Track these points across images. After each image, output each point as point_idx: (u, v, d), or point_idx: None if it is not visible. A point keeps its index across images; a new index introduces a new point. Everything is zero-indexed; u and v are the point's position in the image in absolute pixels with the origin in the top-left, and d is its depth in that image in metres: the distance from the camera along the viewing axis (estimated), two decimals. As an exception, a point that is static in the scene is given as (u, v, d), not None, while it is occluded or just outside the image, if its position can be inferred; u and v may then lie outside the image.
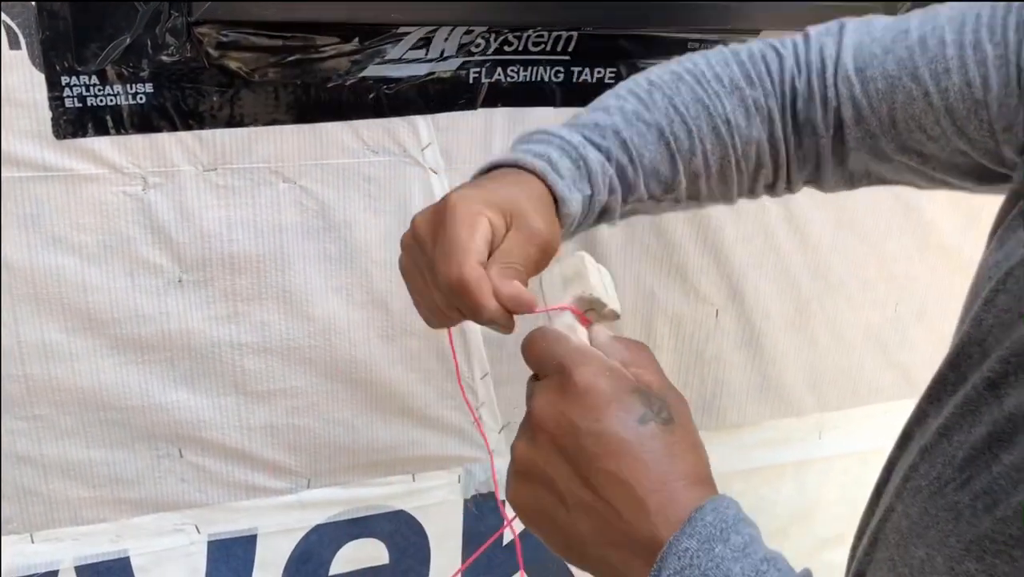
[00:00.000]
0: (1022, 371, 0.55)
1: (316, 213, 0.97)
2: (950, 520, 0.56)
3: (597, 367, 0.53)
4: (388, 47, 0.93)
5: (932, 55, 0.66)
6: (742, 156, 0.72)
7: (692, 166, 0.71)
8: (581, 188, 0.67)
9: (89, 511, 1.00)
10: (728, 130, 0.71)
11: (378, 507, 1.14)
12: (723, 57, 0.74)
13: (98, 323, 0.92)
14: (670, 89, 0.72)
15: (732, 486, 1.35)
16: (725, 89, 0.72)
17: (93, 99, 0.84)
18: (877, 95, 0.68)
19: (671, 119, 0.70)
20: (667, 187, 0.72)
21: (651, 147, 0.70)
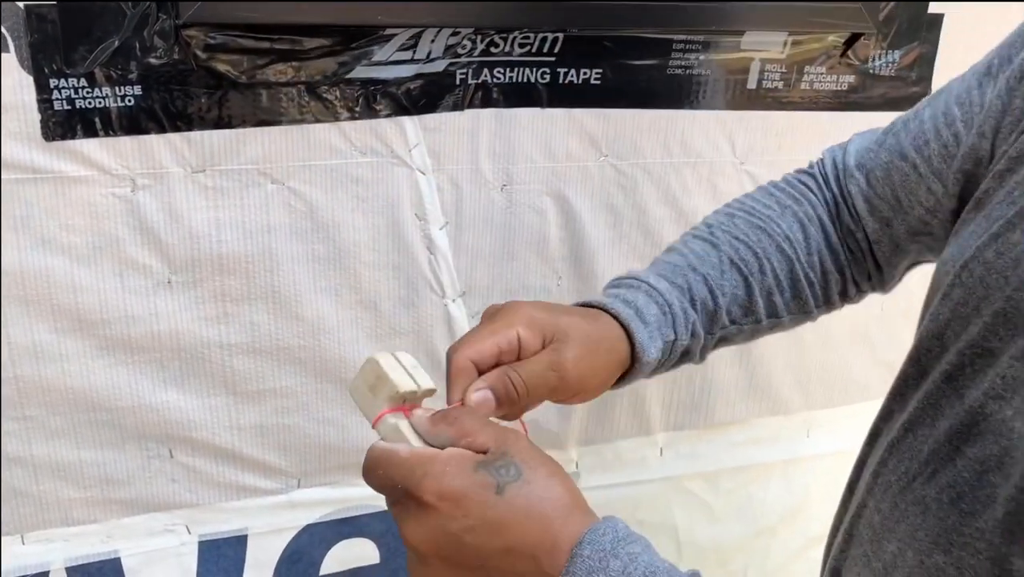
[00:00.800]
0: (979, 363, 0.56)
1: (304, 214, 0.98)
2: (918, 514, 0.57)
3: (436, 471, 0.55)
4: (375, 49, 0.93)
5: (914, 133, 0.72)
6: (808, 267, 0.77)
7: (765, 285, 0.76)
8: (664, 334, 0.71)
9: (80, 512, 1.00)
10: (790, 245, 0.77)
11: (368, 506, 1.15)
12: (766, 190, 0.82)
13: (88, 324, 0.93)
14: (728, 226, 0.78)
15: (721, 484, 1.36)
16: (776, 212, 0.78)
17: (82, 101, 0.85)
18: (878, 183, 0.75)
19: (736, 247, 0.76)
20: (746, 310, 0.76)
21: (727, 276, 0.75)
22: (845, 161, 0.78)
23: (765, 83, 1.14)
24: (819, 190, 0.80)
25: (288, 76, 0.91)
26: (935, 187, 0.70)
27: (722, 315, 0.75)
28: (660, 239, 1.17)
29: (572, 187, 1.10)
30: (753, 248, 0.76)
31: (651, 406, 1.26)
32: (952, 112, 0.69)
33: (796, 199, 0.79)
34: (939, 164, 0.69)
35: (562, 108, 1.05)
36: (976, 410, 0.55)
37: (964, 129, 0.67)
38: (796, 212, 0.78)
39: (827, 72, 1.16)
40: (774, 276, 0.76)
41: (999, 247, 0.56)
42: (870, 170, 0.75)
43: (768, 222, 0.77)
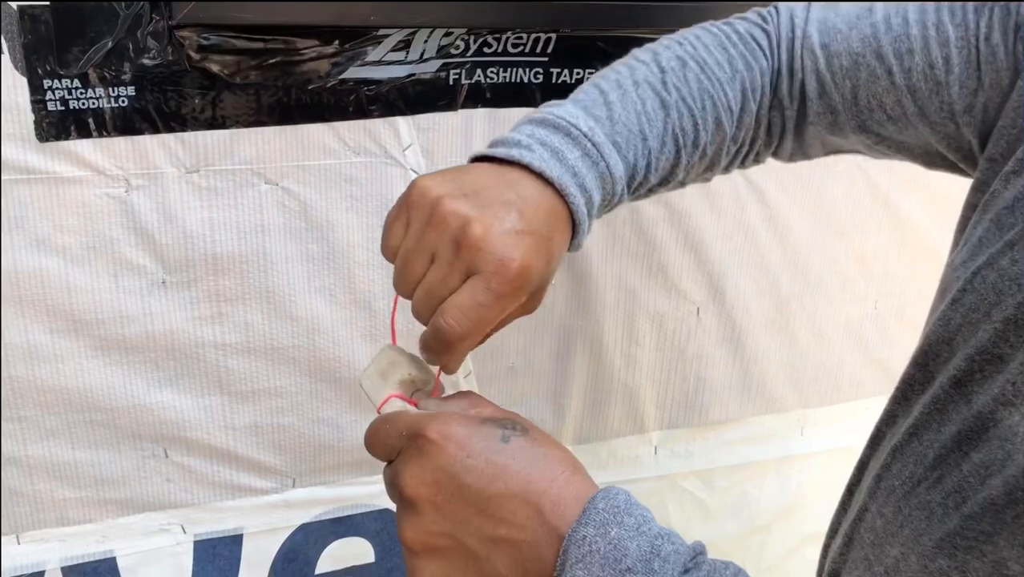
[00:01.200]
0: (988, 369, 0.55)
1: (298, 214, 0.98)
2: (923, 519, 0.57)
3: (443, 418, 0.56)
4: (368, 49, 0.94)
5: (896, 34, 0.66)
6: (732, 141, 0.73)
7: (692, 161, 0.72)
8: (595, 198, 0.65)
9: (75, 512, 1.00)
10: (728, 118, 0.72)
11: (363, 505, 1.15)
12: (719, 40, 0.74)
13: (82, 324, 0.93)
14: (679, 79, 0.71)
15: (715, 482, 1.37)
16: (727, 76, 0.72)
17: (75, 102, 0.85)
18: (841, 71, 0.69)
19: (681, 114, 0.70)
20: (664, 180, 0.73)
21: (667, 150, 0.70)
22: (806, 30, 0.71)
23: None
24: (770, 54, 0.74)
25: (282, 76, 0.92)
26: (906, 102, 0.66)
27: (645, 187, 0.71)
28: (653, 238, 1.18)
29: (566, 187, 1.10)
30: (696, 119, 0.70)
31: (645, 405, 1.26)
32: (946, 28, 0.64)
33: (748, 64, 0.73)
34: (918, 81, 0.65)
35: (555, 108, 1.05)
36: (986, 416, 0.55)
37: (958, 58, 0.63)
38: (744, 80, 0.72)
39: (820, 71, 1.17)
40: (703, 150, 0.72)
41: (1014, 255, 0.55)
42: (834, 53, 0.69)
43: (718, 88, 0.71)
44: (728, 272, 1.23)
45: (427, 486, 0.55)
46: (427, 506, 0.55)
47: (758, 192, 1.20)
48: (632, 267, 1.18)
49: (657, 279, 1.20)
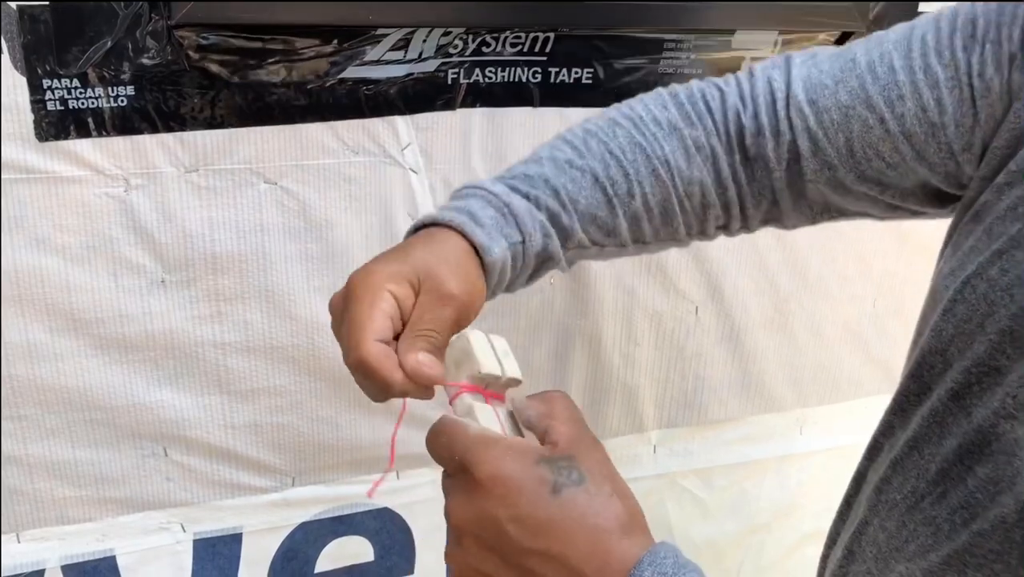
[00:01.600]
0: (986, 382, 0.55)
1: (297, 213, 0.98)
2: (928, 535, 0.56)
3: (497, 453, 0.53)
4: (367, 49, 0.94)
5: (884, 82, 0.65)
6: (684, 196, 0.71)
7: (632, 209, 0.70)
8: (508, 235, 0.65)
9: (75, 510, 1.01)
10: (668, 171, 0.70)
11: (362, 504, 1.15)
12: (661, 100, 0.73)
13: (82, 323, 0.93)
14: (606, 135, 0.70)
15: (714, 481, 1.37)
16: (663, 131, 0.71)
17: (75, 102, 0.85)
18: (833, 125, 0.67)
19: (607, 164, 0.69)
20: (608, 231, 0.71)
21: (585, 192, 0.69)
22: (791, 90, 0.69)
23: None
24: (721, 114, 0.71)
25: (280, 76, 0.92)
26: (903, 148, 0.65)
27: (576, 230, 0.69)
28: (652, 237, 1.18)
29: (564, 186, 1.11)
30: (626, 168, 0.69)
31: (644, 404, 1.26)
32: (934, 71, 0.63)
33: (689, 121, 0.71)
34: (913, 125, 0.64)
35: (554, 107, 1.06)
36: (987, 429, 0.54)
37: (950, 98, 0.62)
38: (684, 137, 0.70)
39: (818, 71, 1.17)
40: (643, 201, 0.70)
41: (1003, 264, 0.55)
42: (823, 109, 0.67)
43: (651, 140, 0.70)
44: (727, 271, 1.23)
45: (469, 522, 0.53)
46: (470, 541, 0.54)
47: (756, 191, 1.20)
48: (630, 266, 1.18)
49: (656, 278, 1.20)
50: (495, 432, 0.55)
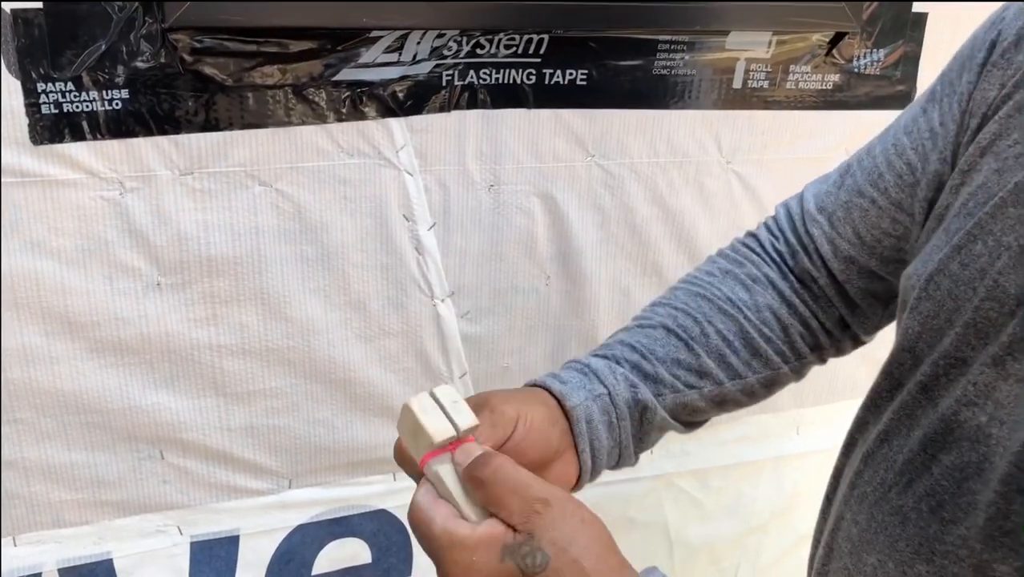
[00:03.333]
0: (952, 373, 0.57)
1: (292, 216, 0.98)
2: (897, 524, 0.58)
3: (463, 560, 0.55)
4: (361, 51, 0.94)
5: (868, 170, 0.72)
6: (760, 323, 0.76)
7: (711, 346, 0.75)
8: (590, 389, 0.71)
9: (71, 513, 1.01)
10: (732, 306, 0.76)
11: (360, 506, 1.15)
12: (709, 259, 0.82)
13: (77, 326, 0.93)
14: (667, 299, 0.78)
15: (711, 482, 1.37)
16: (717, 279, 0.78)
17: (69, 105, 0.85)
18: (840, 222, 0.74)
19: (674, 316, 0.76)
20: (697, 372, 0.75)
21: (660, 341, 0.75)
22: (804, 208, 0.78)
23: (751, 83, 1.15)
24: (761, 249, 0.80)
25: (275, 79, 0.92)
26: (900, 217, 0.70)
27: (662, 374, 0.74)
28: (647, 238, 1.18)
29: (559, 187, 1.11)
30: (692, 314, 0.75)
31: (641, 404, 1.26)
32: (901, 142, 0.69)
33: (738, 262, 0.79)
34: (897, 194, 0.69)
35: (548, 109, 1.06)
36: (950, 417, 0.56)
37: (916, 157, 0.68)
38: (737, 275, 0.78)
39: (812, 71, 1.17)
40: (720, 337, 0.75)
41: (963, 259, 0.57)
42: (831, 212, 0.75)
43: (708, 288, 0.77)
44: (722, 272, 1.23)
45: None
46: None
47: (751, 191, 1.21)
48: (626, 267, 1.18)
49: (651, 279, 1.20)
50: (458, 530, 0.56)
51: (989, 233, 0.56)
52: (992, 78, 0.61)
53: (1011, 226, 0.55)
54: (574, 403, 0.69)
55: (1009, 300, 0.54)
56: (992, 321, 0.54)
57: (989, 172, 0.58)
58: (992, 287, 0.55)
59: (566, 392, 0.70)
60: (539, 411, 0.68)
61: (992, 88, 0.61)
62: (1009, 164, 0.57)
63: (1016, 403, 0.52)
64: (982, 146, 0.59)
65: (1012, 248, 0.54)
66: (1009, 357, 0.53)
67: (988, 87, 0.61)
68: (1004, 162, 0.57)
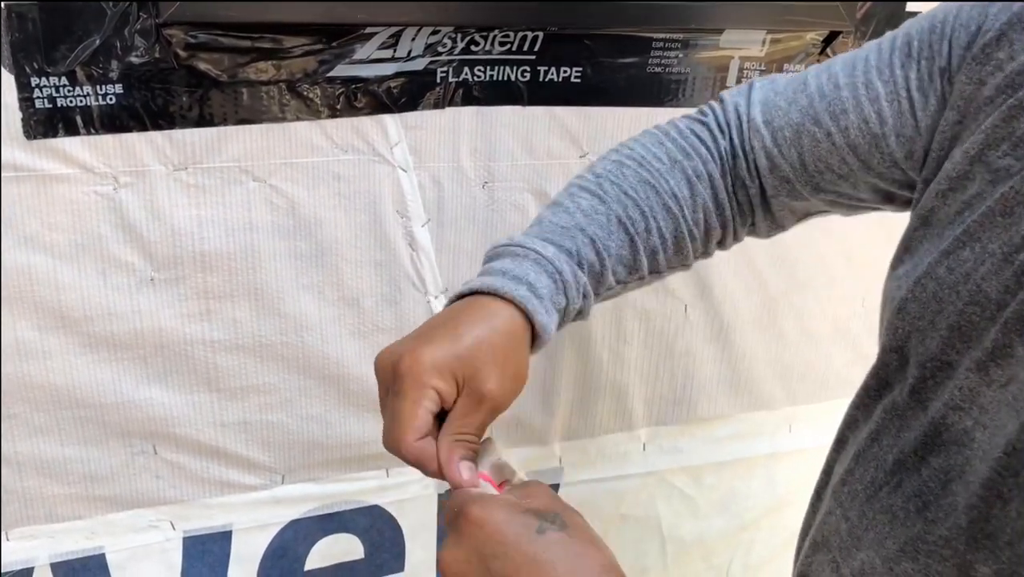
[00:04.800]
0: (939, 376, 0.58)
1: (286, 211, 0.98)
2: (886, 523, 0.59)
3: (489, 500, 0.57)
4: (356, 47, 0.94)
5: (829, 99, 0.70)
6: (692, 224, 0.76)
7: (650, 244, 0.75)
8: (557, 303, 0.70)
9: (64, 508, 1.01)
10: (676, 204, 0.75)
11: (352, 502, 1.15)
12: (656, 138, 0.79)
13: (71, 321, 0.93)
14: (616, 177, 0.76)
15: (704, 479, 1.37)
16: (666, 167, 0.76)
17: (63, 100, 0.85)
18: (786, 143, 0.73)
19: (624, 204, 0.74)
20: (631, 268, 0.75)
21: (614, 236, 0.73)
22: (750, 113, 0.75)
23: (745, 81, 1.15)
24: (712, 142, 0.78)
25: (269, 74, 0.92)
26: (849, 159, 0.69)
27: (608, 276, 0.74)
28: (641, 236, 1.18)
29: (553, 185, 1.11)
30: (640, 206, 0.74)
31: (633, 402, 1.27)
32: (874, 86, 0.68)
33: (687, 153, 0.77)
34: (856, 137, 0.68)
35: (543, 106, 1.06)
36: (939, 421, 0.57)
37: (890, 110, 0.67)
38: (685, 168, 0.76)
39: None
40: (659, 234, 0.75)
41: (950, 264, 0.58)
42: (777, 128, 0.73)
43: (657, 177, 0.75)
44: (716, 270, 1.24)
45: (459, 564, 0.56)
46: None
47: (745, 190, 1.21)
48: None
49: (645, 276, 1.21)
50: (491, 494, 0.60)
51: (977, 240, 0.57)
52: (971, 72, 0.61)
53: (997, 234, 0.56)
54: (548, 336, 0.69)
55: (991, 305, 0.55)
56: (974, 325, 0.56)
57: (983, 183, 0.59)
58: (975, 292, 0.56)
59: (545, 324, 0.68)
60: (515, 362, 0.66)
61: (971, 83, 0.61)
62: (1000, 175, 0.57)
63: (998, 409, 0.53)
64: (971, 155, 0.60)
65: (996, 255, 0.55)
66: (992, 363, 0.54)
67: (967, 81, 0.61)
68: (996, 173, 0.58)
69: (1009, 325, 0.53)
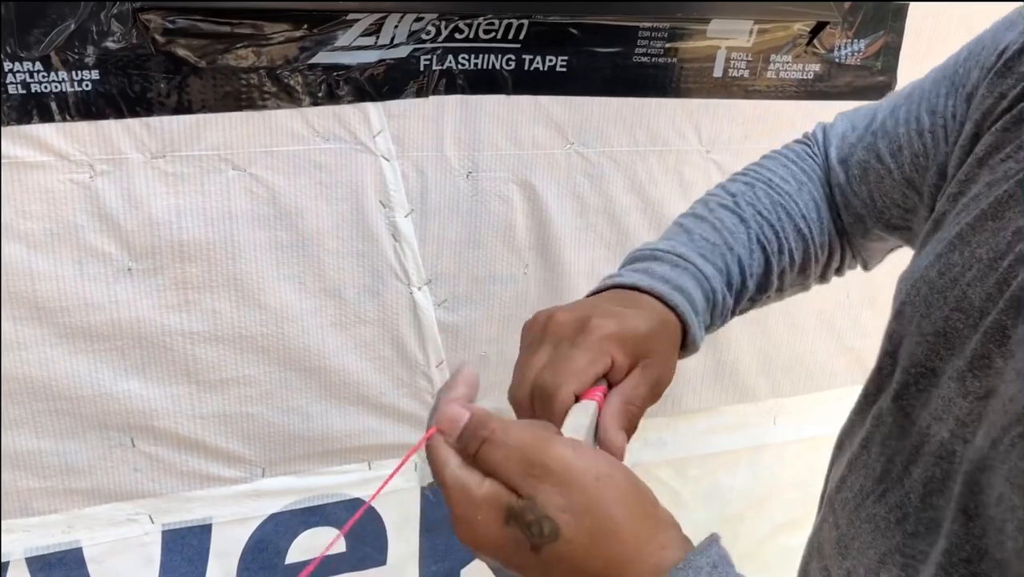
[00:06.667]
0: (923, 383, 0.57)
1: (266, 201, 0.97)
2: (869, 532, 0.59)
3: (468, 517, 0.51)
4: (338, 34, 0.92)
5: (890, 137, 0.72)
6: (819, 247, 0.77)
7: (781, 264, 0.76)
8: (705, 320, 0.70)
9: (40, 502, 0.99)
10: (806, 225, 0.76)
11: (334, 495, 1.14)
12: (781, 161, 0.81)
13: (46, 312, 0.91)
14: (751, 197, 0.77)
15: (688, 472, 1.37)
16: (794, 188, 0.78)
17: (37, 85, 0.83)
18: (856, 180, 0.75)
19: (760, 224, 0.75)
20: (762, 288, 0.76)
21: (755, 255, 0.74)
22: (828, 152, 0.78)
23: (731, 72, 1.14)
24: (821, 169, 0.80)
25: (249, 61, 0.90)
26: (909, 193, 0.70)
27: (746, 295, 0.75)
28: (627, 228, 1.17)
29: (538, 175, 1.10)
30: (775, 227, 0.75)
31: (618, 394, 1.26)
32: (923, 120, 0.69)
33: (808, 176, 0.79)
34: (911, 172, 0.69)
35: (527, 95, 1.05)
36: (922, 431, 0.56)
37: (931, 142, 0.67)
38: (811, 191, 0.78)
39: (793, 61, 1.17)
40: (790, 256, 0.76)
41: (941, 267, 0.58)
42: (849, 166, 0.75)
43: (787, 199, 0.77)
44: (701, 261, 1.23)
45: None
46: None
47: (731, 181, 1.20)
48: (605, 255, 1.18)
49: (630, 268, 1.20)
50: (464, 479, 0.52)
51: (967, 244, 0.56)
52: (992, 86, 0.61)
53: (986, 239, 0.55)
54: (696, 350, 0.69)
55: (974, 312, 0.54)
56: (958, 332, 0.55)
57: (982, 185, 0.58)
58: (960, 297, 0.55)
59: (697, 339, 0.68)
60: (673, 362, 0.67)
61: (991, 96, 0.61)
62: (998, 178, 0.57)
63: (974, 422, 0.52)
64: (979, 157, 0.59)
65: (982, 260, 0.54)
66: (969, 374, 0.53)
67: (987, 94, 0.61)
68: (995, 175, 0.57)
69: (988, 335, 0.52)
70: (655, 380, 0.63)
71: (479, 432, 0.52)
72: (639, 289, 0.67)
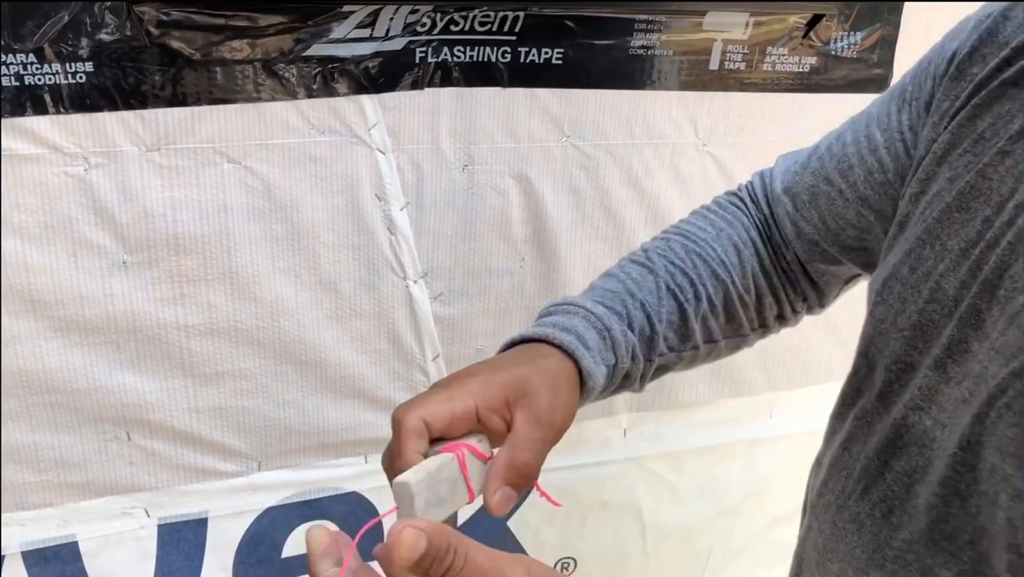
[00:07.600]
0: (904, 378, 0.58)
1: (261, 194, 0.97)
2: (854, 532, 0.59)
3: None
4: (333, 26, 0.92)
5: (838, 158, 0.72)
6: (742, 290, 0.77)
7: (700, 310, 0.75)
8: (606, 359, 0.69)
9: (35, 496, 0.99)
10: (724, 270, 0.76)
11: (330, 489, 1.14)
12: (700, 214, 0.82)
13: (41, 305, 0.91)
14: (663, 250, 0.77)
15: (684, 465, 1.37)
16: (711, 235, 0.78)
17: (31, 78, 0.83)
18: (805, 206, 0.75)
19: (672, 273, 0.75)
20: (683, 336, 0.75)
21: (664, 303, 0.74)
22: (772, 185, 0.78)
23: (727, 64, 1.14)
24: (749, 213, 0.80)
25: (244, 53, 0.90)
26: (864, 211, 0.70)
27: (659, 341, 0.74)
28: (622, 220, 1.17)
29: (534, 168, 1.10)
30: (688, 274, 0.75)
31: (614, 387, 1.26)
32: (875, 138, 0.69)
33: (729, 222, 0.79)
34: (864, 190, 0.69)
35: (523, 88, 1.05)
36: (900, 423, 0.57)
37: (888, 156, 0.68)
38: (730, 236, 0.78)
39: (789, 53, 1.16)
40: (708, 301, 0.75)
41: (912, 262, 0.58)
42: (795, 194, 0.75)
43: (703, 246, 0.77)
44: (697, 255, 1.23)
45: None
46: None
47: (727, 174, 1.20)
48: (601, 249, 1.17)
49: (626, 261, 1.20)
50: None
51: (936, 238, 0.57)
52: (948, 90, 0.62)
53: (956, 230, 0.56)
54: (595, 385, 0.67)
55: (949, 302, 0.55)
56: (935, 324, 0.55)
57: (943, 181, 0.59)
58: (934, 289, 0.56)
59: (592, 371, 0.67)
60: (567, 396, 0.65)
61: (947, 99, 0.61)
62: (959, 172, 0.57)
63: (955, 406, 0.52)
64: (938, 156, 0.60)
65: (953, 252, 0.55)
66: (950, 360, 0.54)
67: (943, 98, 0.62)
68: (955, 171, 0.58)
69: (964, 320, 0.53)
70: (537, 416, 0.61)
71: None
72: (525, 340, 0.68)
